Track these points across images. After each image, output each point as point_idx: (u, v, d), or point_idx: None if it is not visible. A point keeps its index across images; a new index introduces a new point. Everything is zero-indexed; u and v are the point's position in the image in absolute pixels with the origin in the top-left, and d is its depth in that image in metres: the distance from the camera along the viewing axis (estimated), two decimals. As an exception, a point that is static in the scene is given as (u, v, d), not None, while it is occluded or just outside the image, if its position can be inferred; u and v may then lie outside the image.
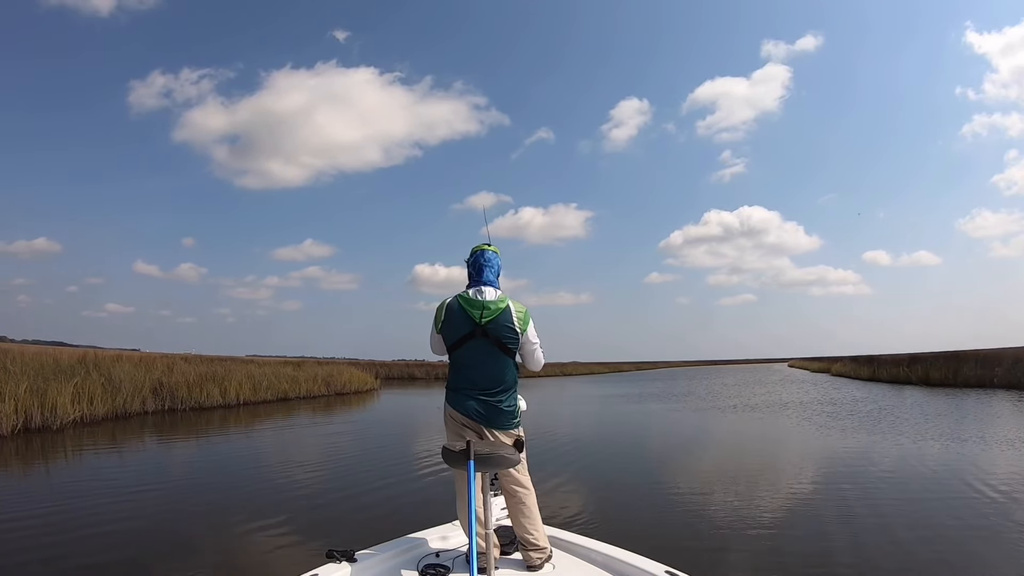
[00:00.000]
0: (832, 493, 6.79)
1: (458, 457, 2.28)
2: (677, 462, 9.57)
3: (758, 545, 4.90)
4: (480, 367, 2.68)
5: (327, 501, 6.57)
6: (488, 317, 2.64)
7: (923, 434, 11.36)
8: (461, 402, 2.68)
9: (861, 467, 8.43)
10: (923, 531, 5.25)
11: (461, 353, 2.70)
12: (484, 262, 2.77)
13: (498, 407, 2.67)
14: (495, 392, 2.67)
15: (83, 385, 13.32)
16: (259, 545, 5.02)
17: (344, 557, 2.45)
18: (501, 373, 2.69)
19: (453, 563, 2.57)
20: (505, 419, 2.69)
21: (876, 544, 4.88)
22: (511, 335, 2.67)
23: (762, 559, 4.56)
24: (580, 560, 2.70)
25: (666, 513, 6.06)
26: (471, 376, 2.68)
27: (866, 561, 4.50)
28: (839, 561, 4.50)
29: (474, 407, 2.65)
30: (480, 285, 2.73)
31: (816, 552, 4.73)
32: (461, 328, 2.67)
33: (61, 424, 11.99)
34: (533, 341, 2.75)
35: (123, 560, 4.59)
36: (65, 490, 7.15)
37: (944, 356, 32.62)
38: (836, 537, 5.11)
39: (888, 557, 4.60)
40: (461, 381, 2.71)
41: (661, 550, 2.94)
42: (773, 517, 5.76)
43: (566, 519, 5.47)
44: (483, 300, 2.67)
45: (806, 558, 4.59)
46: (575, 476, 7.99)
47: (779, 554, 4.67)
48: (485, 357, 2.67)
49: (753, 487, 7.16)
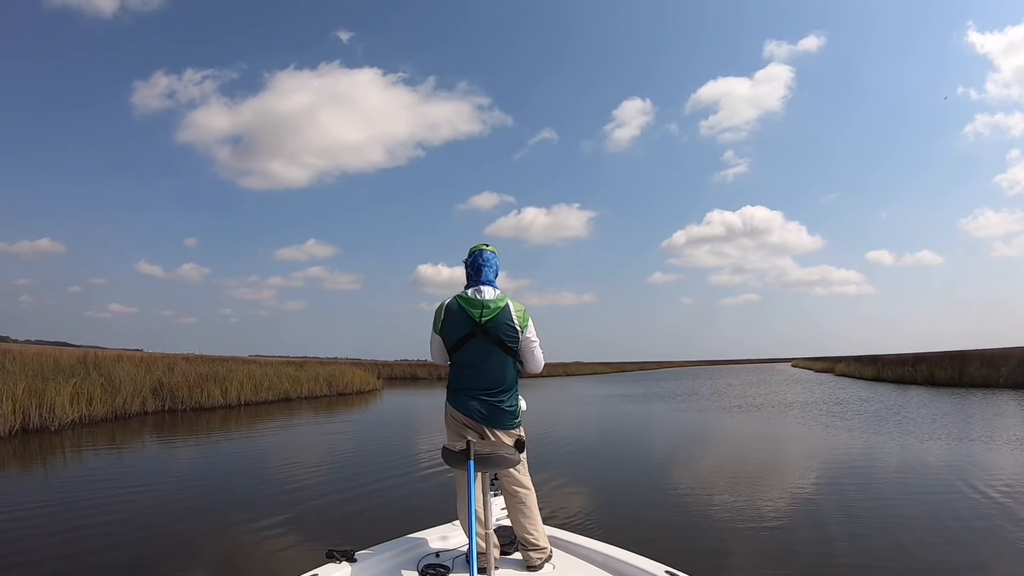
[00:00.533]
0: (838, 494, 6.65)
1: (458, 457, 2.28)
2: (681, 462, 9.45)
3: (762, 546, 4.82)
4: (481, 367, 2.67)
5: (327, 501, 6.55)
6: (488, 316, 2.64)
7: (930, 434, 11.22)
8: (462, 402, 2.68)
9: (867, 468, 8.30)
10: (928, 534, 5.13)
11: (462, 353, 2.70)
12: (483, 262, 2.76)
13: (499, 407, 2.66)
14: (496, 392, 2.67)
15: (82, 385, 13.26)
16: (259, 545, 5.01)
17: (344, 557, 2.44)
18: (502, 373, 2.69)
19: (453, 563, 2.57)
20: (506, 419, 2.68)
21: (881, 547, 4.78)
22: (511, 333, 2.66)
23: (766, 561, 4.46)
24: (580, 560, 2.69)
25: (668, 513, 5.96)
26: (472, 376, 2.68)
27: (870, 563, 4.38)
28: (845, 563, 4.39)
29: (475, 407, 2.65)
30: (479, 285, 2.73)
31: (820, 554, 4.62)
32: (461, 328, 2.66)
33: (60, 425, 11.93)
34: (532, 339, 2.74)
35: (122, 560, 4.58)
36: (64, 490, 7.10)
37: (949, 356, 32.35)
38: (840, 539, 5.00)
39: (892, 559, 4.49)
40: (462, 381, 2.71)
41: (664, 551, 2.87)
42: (777, 518, 5.66)
43: (566, 519, 5.42)
44: (482, 299, 2.67)
45: (810, 559, 4.49)
46: (576, 476, 7.89)
47: (782, 555, 4.58)
48: (486, 356, 2.67)
49: (758, 487, 7.04)
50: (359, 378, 27.72)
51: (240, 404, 18.16)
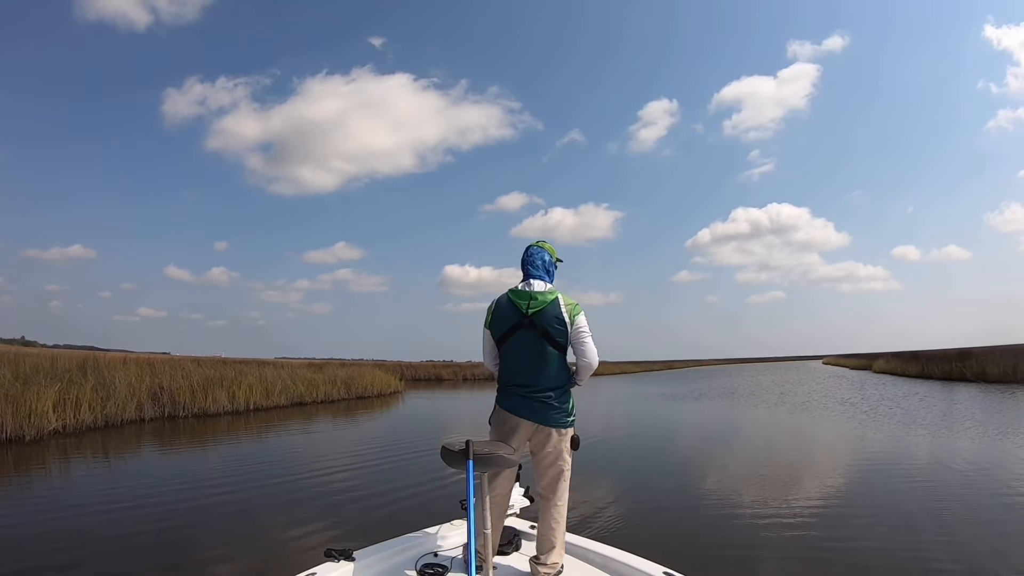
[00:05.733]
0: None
1: (457, 457, 2.26)
2: (789, 481, 7.62)
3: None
4: (528, 361, 2.58)
5: (326, 501, 6.49)
6: (535, 308, 2.58)
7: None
8: (512, 401, 2.59)
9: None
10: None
11: (509, 346, 2.62)
12: (535, 256, 2.72)
13: (550, 403, 2.56)
14: (545, 388, 2.56)
15: (69, 389, 11.92)
16: (257, 544, 5.01)
17: (342, 556, 2.41)
18: (550, 367, 2.57)
19: (451, 563, 2.54)
20: (561, 416, 2.59)
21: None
22: (559, 326, 2.56)
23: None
24: (579, 560, 2.64)
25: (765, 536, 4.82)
26: (519, 372, 2.59)
27: None
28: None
29: (526, 405, 2.57)
30: (529, 279, 2.68)
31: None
32: (508, 320, 2.61)
33: (38, 434, 10.59)
34: (584, 331, 2.59)
35: (121, 560, 4.56)
36: (55, 498, 6.79)
37: (1000, 351, 30.73)
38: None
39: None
40: (511, 377, 2.62)
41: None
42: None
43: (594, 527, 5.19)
44: (531, 291, 2.63)
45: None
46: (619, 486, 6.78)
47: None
48: (533, 349, 2.57)
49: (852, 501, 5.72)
50: (380, 380, 26.16)
51: (249, 409, 16.70)
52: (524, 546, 2.81)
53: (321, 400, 20.81)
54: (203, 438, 12.11)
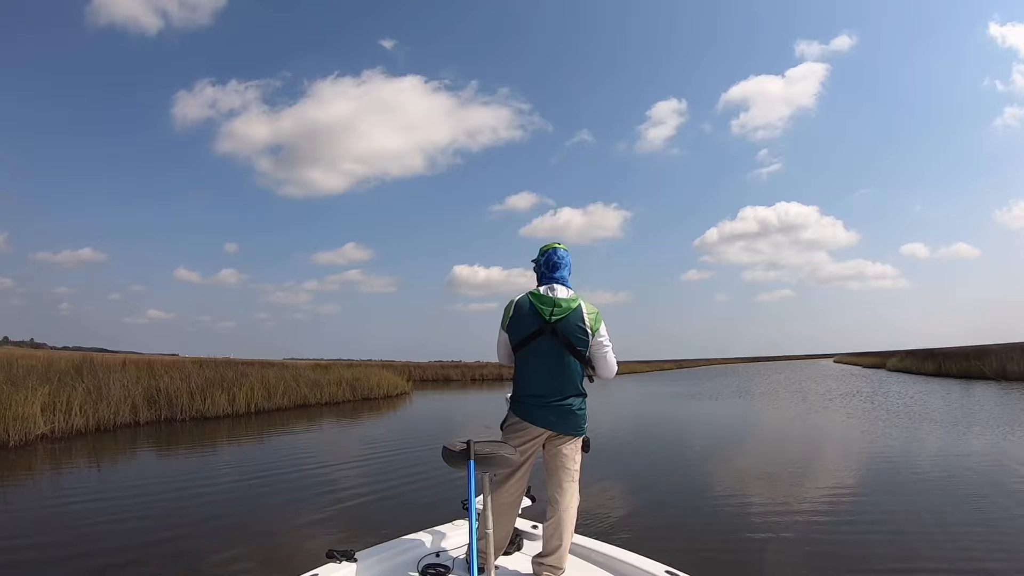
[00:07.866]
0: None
1: (458, 457, 2.22)
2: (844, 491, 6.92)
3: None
4: (546, 369, 2.51)
5: (327, 501, 6.44)
6: (559, 315, 2.51)
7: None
8: (529, 412, 2.52)
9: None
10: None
11: (528, 352, 2.54)
12: (557, 260, 2.64)
13: (570, 410, 2.51)
14: (563, 398, 2.51)
15: (58, 392, 11.42)
16: (258, 545, 4.97)
17: (344, 557, 2.38)
18: (569, 377, 2.52)
19: (453, 563, 2.52)
20: (578, 423, 2.55)
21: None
22: (581, 335, 2.51)
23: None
24: (581, 559, 2.61)
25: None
26: (539, 379, 2.52)
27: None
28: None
29: (544, 415, 2.50)
30: (552, 283, 2.60)
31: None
32: (529, 325, 2.53)
33: (23, 439, 10.10)
34: (605, 343, 2.57)
35: (120, 560, 4.50)
36: (54, 503, 6.59)
37: (1020, 348, 29.88)
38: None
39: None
40: (529, 386, 2.54)
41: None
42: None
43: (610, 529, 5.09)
44: (555, 297, 2.55)
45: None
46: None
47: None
48: (552, 358, 2.51)
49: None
50: (387, 381, 25.53)
51: (250, 412, 16.18)
52: (526, 546, 2.78)
53: (326, 402, 20.25)
54: (200, 442, 11.61)
